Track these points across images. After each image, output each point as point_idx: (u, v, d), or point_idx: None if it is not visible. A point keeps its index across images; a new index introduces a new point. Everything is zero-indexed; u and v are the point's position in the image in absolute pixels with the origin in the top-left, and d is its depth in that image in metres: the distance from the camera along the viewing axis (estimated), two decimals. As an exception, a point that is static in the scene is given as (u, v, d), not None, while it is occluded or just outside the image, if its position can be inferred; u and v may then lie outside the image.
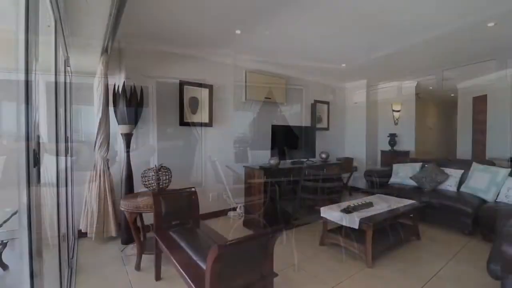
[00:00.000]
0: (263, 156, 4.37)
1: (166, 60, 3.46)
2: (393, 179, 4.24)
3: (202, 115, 3.71)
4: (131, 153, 3.00)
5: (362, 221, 2.43)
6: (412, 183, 3.98)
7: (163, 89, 3.43)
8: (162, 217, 2.22)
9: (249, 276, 1.41)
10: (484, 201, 3.26)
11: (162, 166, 2.61)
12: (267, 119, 4.52)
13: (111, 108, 2.91)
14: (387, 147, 5.76)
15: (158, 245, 2.12)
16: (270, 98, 4.31)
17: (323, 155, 4.22)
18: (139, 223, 2.78)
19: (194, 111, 3.63)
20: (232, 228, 3.45)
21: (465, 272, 2.35)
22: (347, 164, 5.50)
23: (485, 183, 3.30)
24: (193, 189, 2.45)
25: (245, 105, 4.24)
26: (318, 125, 5.33)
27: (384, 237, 2.69)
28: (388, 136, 5.74)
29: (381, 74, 5.13)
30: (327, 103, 5.51)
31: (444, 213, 3.37)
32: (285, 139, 3.94)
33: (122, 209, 2.43)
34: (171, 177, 2.64)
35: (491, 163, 3.62)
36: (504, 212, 2.79)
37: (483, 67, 4.56)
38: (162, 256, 2.20)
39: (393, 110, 5.84)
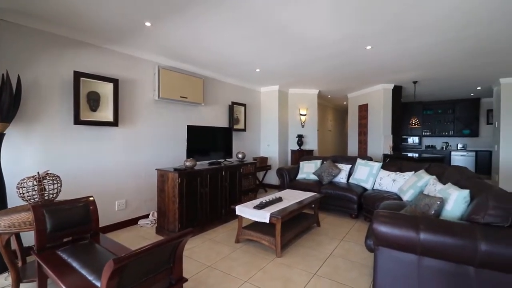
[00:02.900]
0: (179, 158, 4.20)
1: (57, 46, 2.89)
2: (300, 175, 4.76)
3: (105, 113, 3.26)
4: (2, 159, 2.37)
5: (272, 215, 2.63)
6: (315, 177, 4.57)
7: (52, 80, 2.85)
8: (47, 235, 1.84)
9: (156, 286, 1.33)
10: (365, 189, 4.04)
11: (47, 174, 2.17)
12: (184, 119, 4.36)
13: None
14: (296, 147, 6.43)
15: (42, 269, 1.75)
16: (186, 98, 4.16)
17: (240, 155, 4.36)
18: (15, 246, 2.23)
19: (94, 108, 3.16)
20: (142, 238, 3.17)
21: (351, 249, 2.86)
22: (262, 163, 5.86)
23: (365, 175, 4.10)
24: (91, 198, 2.13)
25: (158, 104, 3.97)
26: (236, 126, 5.49)
27: (291, 227, 2.98)
28: (296, 137, 6.42)
29: (290, 81, 5.68)
30: (244, 105, 5.72)
31: (337, 201, 4.00)
32: (202, 140, 3.88)
33: (-14, 230, 1.89)
34: (61, 186, 2.22)
35: (370, 158, 4.52)
36: (377, 197, 3.53)
37: (365, 81, 5.66)
38: (48, 282, 1.82)
39: (300, 114, 6.57)
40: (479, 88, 6.38)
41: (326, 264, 2.51)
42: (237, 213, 2.92)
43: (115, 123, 3.33)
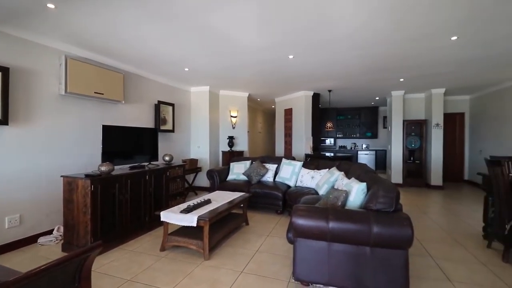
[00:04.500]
0: (93, 163, 3.70)
1: None
2: (230, 176, 4.82)
3: (-12, 109, 2.63)
4: None
5: (200, 218, 2.59)
6: (244, 177, 4.70)
7: None
8: None
9: (56, 313, 1.14)
10: (289, 187, 4.38)
11: None
12: (100, 119, 3.87)
13: None
14: (227, 148, 6.49)
15: None
16: (102, 94, 3.71)
17: (167, 158, 4.14)
18: None
19: (-30, 102, 2.51)
20: (43, 258, 2.67)
21: (276, 243, 3.05)
22: (192, 165, 5.70)
23: (289, 173, 4.45)
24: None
25: (66, 99, 3.42)
26: (163, 127, 5.18)
27: (220, 229, 2.99)
28: (227, 138, 6.48)
29: (220, 83, 5.70)
30: (172, 104, 5.46)
31: (265, 199, 4.22)
32: (123, 141, 3.53)
33: None
34: None
35: (293, 158, 4.92)
36: (298, 193, 3.86)
37: (289, 87, 6.13)
38: None
39: (231, 116, 6.67)
40: (377, 98, 7.70)
41: (252, 261, 2.61)
42: (162, 219, 2.76)
43: (3, 121, 2.72)
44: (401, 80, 5.34)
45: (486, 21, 2.69)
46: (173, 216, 2.71)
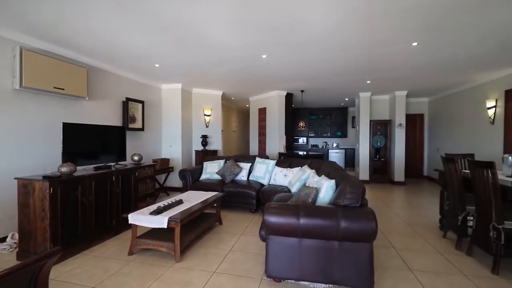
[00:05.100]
0: (53, 163, 3.43)
1: None
2: (203, 176, 4.75)
3: None
4: None
5: (171, 219, 2.52)
6: (218, 177, 4.65)
7: None
8: None
9: (6, 328, 1.04)
10: (262, 185, 4.42)
11: None
12: (61, 116, 3.59)
13: None
14: (200, 147, 6.38)
15: None
16: (63, 89, 3.45)
17: (136, 158, 3.96)
18: None
19: None
20: (-6, 268, 2.42)
21: (250, 241, 3.06)
22: (163, 165, 5.52)
23: (263, 172, 4.49)
24: None
25: (21, 95, 3.13)
26: (132, 125, 4.96)
27: (192, 229, 2.94)
28: (201, 137, 6.37)
29: (193, 80, 5.58)
30: (142, 102, 5.24)
31: (239, 198, 4.22)
32: (87, 140, 3.31)
33: None
34: None
35: (266, 157, 4.97)
36: (272, 191, 3.91)
37: (263, 87, 6.18)
38: None
39: (205, 114, 6.56)
40: (346, 99, 8.04)
41: (225, 260, 2.60)
42: (130, 222, 2.64)
43: None
44: (368, 82, 5.62)
45: (443, 30, 2.92)
46: (142, 218, 2.60)
